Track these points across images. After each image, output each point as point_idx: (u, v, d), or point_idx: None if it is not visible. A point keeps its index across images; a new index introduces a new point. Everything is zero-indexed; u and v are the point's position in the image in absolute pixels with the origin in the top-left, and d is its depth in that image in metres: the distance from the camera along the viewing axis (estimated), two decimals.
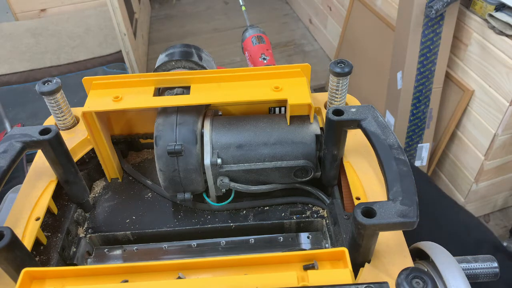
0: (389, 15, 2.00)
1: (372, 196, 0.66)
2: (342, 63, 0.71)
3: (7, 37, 2.76)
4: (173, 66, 0.81)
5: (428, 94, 1.69)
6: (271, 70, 0.73)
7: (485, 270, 0.67)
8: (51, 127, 0.64)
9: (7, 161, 0.59)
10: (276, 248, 0.74)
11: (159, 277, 0.52)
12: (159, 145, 0.68)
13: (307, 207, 0.76)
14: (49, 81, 0.73)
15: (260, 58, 1.03)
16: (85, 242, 0.73)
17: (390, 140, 0.60)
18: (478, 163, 1.68)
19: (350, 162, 0.71)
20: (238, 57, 2.84)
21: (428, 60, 1.61)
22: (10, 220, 0.64)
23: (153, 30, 3.32)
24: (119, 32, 2.29)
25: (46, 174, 0.71)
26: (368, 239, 0.53)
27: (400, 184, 0.53)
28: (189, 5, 3.66)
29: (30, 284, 0.50)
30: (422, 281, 0.45)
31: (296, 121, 0.72)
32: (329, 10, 2.74)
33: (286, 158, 0.71)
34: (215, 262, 0.52)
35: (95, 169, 0.82)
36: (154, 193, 0.80)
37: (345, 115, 0.63)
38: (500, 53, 1.44)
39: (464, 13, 1.55)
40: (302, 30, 3.24)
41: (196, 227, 0.75)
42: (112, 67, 2.55)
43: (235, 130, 0.71)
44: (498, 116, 1.51)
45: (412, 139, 1.80)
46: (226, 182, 0.71)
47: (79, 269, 0.52)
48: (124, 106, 0.69)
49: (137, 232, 0.74)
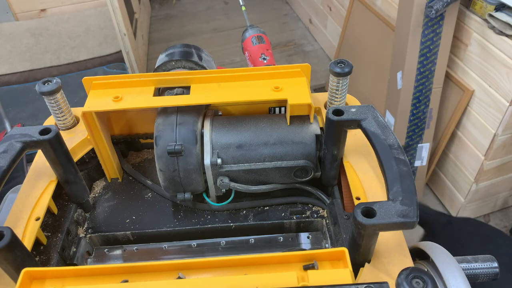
0: (389, 15, 2.00)
1: (372, 196, 0.66)
2: (342, 63, 0.71)
3: (7, 37, 2.76)
4: (173, 66, 0.81)
5: (428, 94, 1.68)
6: (271, 70, 0.73)
7: (485, 270, 0.67)
8: (51, 127, 0.64)
9: (7, 161, 0.59)
10: (276, 248, 0.74)
11: (159, 277, 0.52)
12: (159, 145, 0.68)
13: (307, 207, 0.76)
14: (49, 81, 0.73)
15: (260, 58, 1.03)
16: (85, 242, 0.73)
17: (390, 140, 0.59)
18: (478, 163, 1.68)
19: (350, 162, 0.71)
20: (238, 57, 2.84)
21: (428, 60, 1.61)
22: (10, 220, 0.64)
23: (153, 30, 3.32)
24: (119, 32, 2.29)
25: (46, 174, 0.71)
26: (368, 239, 0.53)
27: (400, 184, 0.53)
28: (189, 5, 3.66)
29: (30, 284, 0.50)
30: (422, 281, 0.45)
31: (296, 121, 0.72)
32: (329, 10, 2.74)
33: (286, 158, 0.71)
34: (215, 262, 0.52)
35: (95, 169, 0.82)
36: (154, 193, 0.80)
37: (345, 115, 0.63)
38: (500, 53, 1.44)
39: (464, 13, 1.55)
40: (302, 30, 3.24)
41: (196, 227, 0.75)
42: (112, 67, 2.55)
43: (235, 130, 0.71)
44: (498, 116, 1.51)
45: (412, 139, 1.80)
46: (226, 182, 0.71)
47: (79, 269, 0.52)
48: (124, 106, 0.69)
49: (137, 232, 0.74)
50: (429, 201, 2.04)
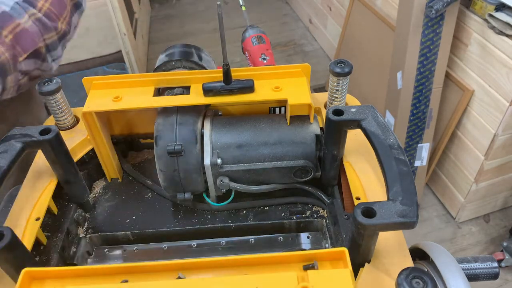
0: (389, 15, 2.00)
1: (372, 196, 0.66)
2: (342, 63, 0.71)
3: None
4: (173, 66, 0.81)
5: (428, 94, 1.69)
6: (271, 70, 0.73)
7: (485, 270, 0.67)
8: (51, 127, 0.64)
9: (7, 161, 0.59)
10: (276, 248, 0.74)
11: (159, 277, 0.52)
12: (159, 145, 0.68)
13: (307, 207, 0.76)
14: (49, 81, 0.73)
15: (260, 58, 1.03)
16: (85, 242, 0.73)
17: (390, 140, 0.60)
18: (478, 163, 1.68)
19: (350, 162, 0.71)
20: (238, 57, 2.84)
21: (428, 60, 1.61)
22: (10, 220, 0.64)
23: (153, 30, 3.32)
24: (119, 32, 2.29)
25: (46, 174, 0.71)
26: (368, 239, 0.53)
27: (400, 184, 0.53)
28: (189, 5, 3.66)
29: (30, 284, 0.50)
30: (422, 281, 0.45)
31: (296, 121, 0.72)
32: (329, 10, 2.74)
33: (286, 158, 0.71)
34: (215, 262, 0.52)
35: (95, 169, 0.82)
36: (154, 193, 0.80)
37: (345, 115, 0.63)
38: (500, 53, 1.44)
39: (464, 13, 1.55)
40: (302, 30, 3.24)
41: (196, 227, 0.75)
42: (112, 67, 2.55)
43: (235, 130, 0.71)
44: (498, 116, 1.51)
45: (412, 139, 1.80)
46: (226, 182, 0.71)
47: (79, 269, 0.52)
48: (124, 106, 0.69)
49: (137, 232, 0.74)
50: (429, 201, 2.04)
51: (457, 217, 1.92)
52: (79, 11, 0.93)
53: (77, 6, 0.92)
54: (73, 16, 0.90)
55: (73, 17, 0.90)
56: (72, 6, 0.90)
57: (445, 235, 1.90)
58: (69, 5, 0.88)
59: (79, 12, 0.93)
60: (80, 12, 0.94)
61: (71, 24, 0.89)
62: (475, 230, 1.91)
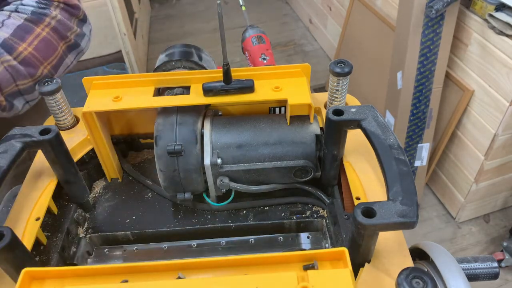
0: (389, 15, 2.01)
1: (372, 196, 0.66)
2: (342, 63, 0.71)
3: None
4: (173, 66, 0.81)
5: (428, 94, 1.69)
6: (271, 70, 0.73)
7: (485, 270, 0.67)
8: (51, 127, 0.63)
9: (7, 161, 0.59)
10: (276, 248, 0.74)
11: (159, 277, 0.52)
12: (159, 145, 0.68)
13: (307, 207, 0.76)
14: (49, 81, 0.73)
15: (260, 58, 1.03)
16: (85, 242, 0.73)
17: (390, 140, 0.60)
18: (478, 163, 1.68)
19: (350, 162, 0.71)
20: (238, 57, 2.84)
21: (428, 60, 1.61)
22: (10, 220, 0.64)
23: (153, 30, 3.32)
24: (119, 32, 2.29)
25: (46, 174, 0.71)
26: (368, 239, 0.53)
27: (400, 184, 0.53)
28: (189, 5, 3.66)
29: (30, 284, 0.50)
30: (422, 281, 0.45)
31: (296, 121, 0.72)
32: (329, 10, 2.74)
33: (286, 158, 0.71)
34: (215, 262, 0.52)
35: (95, 169, 0.82)
36: (154, 193, 0.80)
37: (345, 115, 0.63)
38: (500, 53, 1.44)
39: (464, 13, 1.55)
40: (302, 30, 3.24)
41: (196, 227, 0.75)
42: (112, 67, 2.55)
43: (235, 130, 0.71)
44: (498, 116, 1.51)
45: (412, 139, 1.80)
46: (226, 182, 0.71)
47: (79, 269, 0.52)
48: (124, 106, 0.69)
49: (137, 232, 0.74)
50: (429, 201, 2.04)
51: (457, 217, 1.92)
52: (75, 51, 0.89)
53: (73, 46, 0.88)
54: (66, 57, 0.86)
55: (66, 59, 0.86)
56: (66, 48, 0.86)
57: (445, 235, 1.90)
58: (62, 48, 0.84)
59: (76, 52, 0.90)
60: (77, 52, 0.90)
61: (60, 66, 0.85)
62: (475, 230, 1.91)
